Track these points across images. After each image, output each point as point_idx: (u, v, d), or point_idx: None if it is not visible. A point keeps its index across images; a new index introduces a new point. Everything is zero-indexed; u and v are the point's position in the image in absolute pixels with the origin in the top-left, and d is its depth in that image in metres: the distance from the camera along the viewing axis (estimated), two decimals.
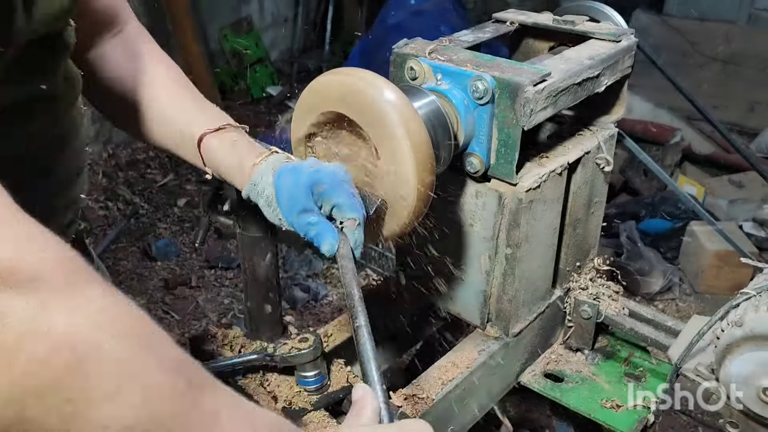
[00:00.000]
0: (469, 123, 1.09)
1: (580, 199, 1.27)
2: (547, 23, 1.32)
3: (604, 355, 1.39)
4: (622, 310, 1.33)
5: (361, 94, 0.92)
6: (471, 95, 1.07)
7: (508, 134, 1.07)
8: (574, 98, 1.16)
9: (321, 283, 3.37)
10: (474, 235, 1.19)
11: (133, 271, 3.42)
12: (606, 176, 1.32)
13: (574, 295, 1.34)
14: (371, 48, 4.12)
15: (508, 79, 1.04)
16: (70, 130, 1.00)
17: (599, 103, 1.33)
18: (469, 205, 1.17)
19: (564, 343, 1.39)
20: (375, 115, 0.92)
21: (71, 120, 1.00)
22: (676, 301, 3.31)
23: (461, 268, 1.23)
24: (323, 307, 3.23)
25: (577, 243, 1.33)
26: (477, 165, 1.12)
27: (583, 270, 1.38)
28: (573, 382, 1.31)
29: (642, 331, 1.29)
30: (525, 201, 1.11)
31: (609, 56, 1.20)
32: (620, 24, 1.34)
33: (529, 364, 1.34)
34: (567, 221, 1.27)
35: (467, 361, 1.19)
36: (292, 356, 1.06)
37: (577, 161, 1.22)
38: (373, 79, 0.93)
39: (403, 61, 1.15)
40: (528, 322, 1.26)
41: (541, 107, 1.07)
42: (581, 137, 1.27)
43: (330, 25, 5.83)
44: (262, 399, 1.09)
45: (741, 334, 0.98)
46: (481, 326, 1.25)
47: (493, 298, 1.22)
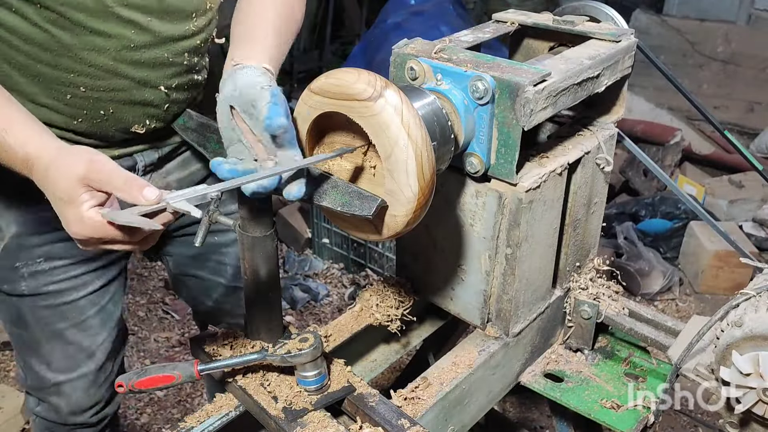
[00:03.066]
0: (469, 123, 1.09)
1: (580, 199, 1.27)
2: (547, 23, 1.32)
3: (604, 355, 1.39)
4: (622, 310, 1.33)
5: (361, 94, 0.92)
6: (471, 95, 1.07)
7: (508, 134, 1.07)
8: (574, 98, 1.16)
9: (321, 283, 3.37)
10: (474, 235, 1.19)
11: (133, 271, 3.42)
12: (606, 176, 1.32)
13: (574, 295, 1.34)
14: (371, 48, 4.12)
15: (508, 79, 1.04)
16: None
17: (599, 103, 1.33)
18: (469, 205, 1.17)
19: (564, 343, 1.39)
20: (375, 116, 0.92)
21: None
22: (676, 301, 3.31)
23: (461, 267, 1.23)
24: (323, 307, 3.23)
25: (577, 243, 1.33)
26: (477, 165, 1.12)
27: (583, 270, 1.38)
28: (573, 382, 1.31)
29: (642, 331, 1.29)
30: (525, 201, 1.11)
31: (609, 56, 1.21)
32: (620, 24, 1.35)
33: (529, 364, 1.34)
34: (567, 221, 1.28)
35: (467, 361, 1.19)
36: (292, 356, 1.06)
37: (577, 161, 1.22)
38: (373, 80, 0.93)
39: (403, 61, 1.15)
40: (528, 322, 1.27)
41: (541, 107, 1.07)
42: (581, 137, 1.27)
43: (330, 25, 5.83)
44: (262, 399, 1.09)
45: (741, 334, 0.98)
46: (481, 326, 1.26)
47: (493, 298, 1.22)
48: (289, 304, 3.18)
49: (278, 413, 1.06)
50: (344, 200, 0.97)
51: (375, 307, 1.29)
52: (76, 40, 1.16)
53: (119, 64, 1.22)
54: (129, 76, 1.24)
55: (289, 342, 1.09)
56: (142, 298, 3.23)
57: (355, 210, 0.95)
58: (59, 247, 1.37)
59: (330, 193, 0.99)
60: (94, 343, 1.48)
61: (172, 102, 1.34)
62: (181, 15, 1.26)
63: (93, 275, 1.44)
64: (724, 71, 4.96)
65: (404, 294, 1.32)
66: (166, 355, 2.89)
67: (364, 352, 1.39)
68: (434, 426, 1.13)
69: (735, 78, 4.92)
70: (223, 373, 1.14)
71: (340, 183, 0.98)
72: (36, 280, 1.38)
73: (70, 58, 1.18)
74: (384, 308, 1.29)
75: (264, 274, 1.11)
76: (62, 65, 1.18)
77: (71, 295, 1.42)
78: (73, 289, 1.42)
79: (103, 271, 1.45)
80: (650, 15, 5.25)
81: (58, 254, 1.37)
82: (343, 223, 1.07)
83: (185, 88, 1.35)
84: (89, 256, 1.41)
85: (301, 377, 1.08)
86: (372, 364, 1.38)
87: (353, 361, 1.35)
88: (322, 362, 1.09)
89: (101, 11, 1.15)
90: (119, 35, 1.19)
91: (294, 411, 1.06)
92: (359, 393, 1.10)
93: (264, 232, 1.08)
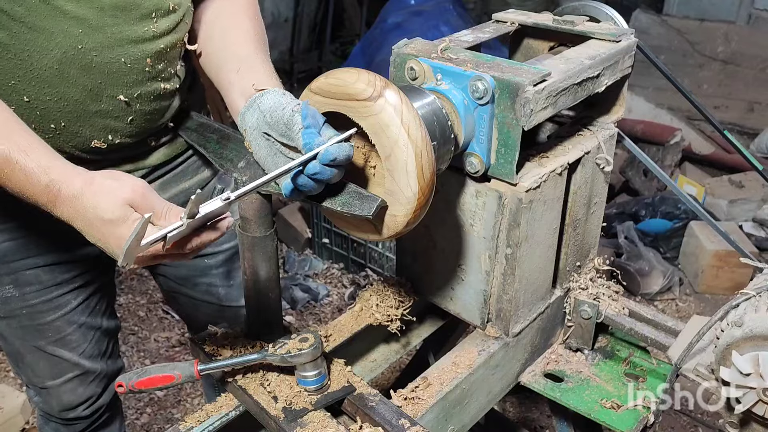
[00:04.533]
0: (469, 123, 1.09)
1: (580, 199, 1.27)
2: (547, 23, 1.32)
3: (604, 355, 1.39)
4: (622, 310, 1.33)
5: (361, 94, 0.92)
6: (471, 95, 1.07)
7: (508, 134, 1.07)
8: (574, 98, 1.16)
9: (321, 283, 3.37)
10: (474, 235, 1.19)
11: (132, 271, 3.42)
12: (606, 176, 1.32)
13: (574, 295, 1.34)
14: (371, 48, 4.11)
15: (508, 79, 1.04)
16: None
17: (599, 103, 1.33)
18: (469, 205, 1.17)
19: (564, 343, 1.39)
20: (375, 116, 0.92)
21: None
22: (676, 301, 3.31)
23: (461, 267, 1.23)
24: (323, 307, 3.23)
25: (577, 243, 1.33)
26: (477, 165, 1.12)
27: (583, 270, 1.38)
28: (573, 382, 1.31)
29: (642, 331, 1.29)
30: (525, 201, 1.11)
31: (609, 56, 1.21)
32: (620, 24, 1.35)
33: (529, 364, 1.34)
34: (567, 221, 1.28)
35: (467, 361, 1.19)
36: (292, 356, 1.06)
37: (577, 161, 1.22)
38: (373, 80, 0.93)
39: (403, 61, 1.15)
40: (528, 322, 1.26)
41: (541, 107, 1.07)
42: (581, 137, 1.27)
43: (330, 25, 5.83)
44: (262, 399, 1.09)
45: (741, 334, 0.98)
46: (481, 326, 1.26)
47: (493, 298, 1.22)
48: (289, 304, 3.18)
49: (278, 413, 1.06)
50: (344, 200, 0.97)
51: (375, 307, 1.29)
52: (14, 39, 1.04)
53: (66, 68, 1.09)
54: (79, 83, 1.11)
55: (289, 342, 1.09)
56: (142, 298, 3.23)
57: (355, 210, 0.95)
58: (29, 275, 1.33)
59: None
60: (77, 354, 1.47)
61: (137, 114, 1.21)
62: (137, 13, 1.13)
63: (69, 296, 1.40)
64: (724, 71, 4.96)
65: (404, 294, 1.32)
66: (166, 355, 2.89)
67: (364, 352, 1.39)
68: (434, 426, 1.13)
69: (735, 78, 4.92)
70: (223, 373, 1.14)
71: (341, 183, 0.98)
72: (7, 305, 1.35)
73: (10, 61, 1.05)
74: (384, 308, 1.29)
75: (264, 274, 1.11)
76: (2, 69, 1.06)
77: (47, 317, 1.38)
78: (49, 311, 1.38)
79: (80, 290, 1.41)
80: (650, 15, 5.24)
81: (27, 281, 1.33)
82: (343, 223, 1.07)
83: (150, 99, 1.23)
84: (62, 280, 1.37)
85: (301, 377, 1.08)
86: (372, 364, 1.38)
87: (353, 361, 1.35)
88: (322, 362, 1.09)
89: (42, 4, 1.03)
90: (64, 33, 1.06)
91: (294, 411, 1.06)
92: (359, 393, 1.10)
93: (264, 232, 1.08)
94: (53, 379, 1.47)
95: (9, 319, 1.38)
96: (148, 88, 1.21)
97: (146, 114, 1.24)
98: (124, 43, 1.13)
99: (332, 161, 0.92)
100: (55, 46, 1.07)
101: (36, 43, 1.05)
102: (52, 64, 1.08)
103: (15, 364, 1.50)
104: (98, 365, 1.52)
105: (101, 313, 1.50)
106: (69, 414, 1.54)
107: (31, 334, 1.40)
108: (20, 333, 1.40)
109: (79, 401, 1.53)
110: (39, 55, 1.07)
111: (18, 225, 1.29)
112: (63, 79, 1.10)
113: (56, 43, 1.07)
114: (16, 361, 1.48)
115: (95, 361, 1.51)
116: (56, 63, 1.08)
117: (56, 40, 1.06)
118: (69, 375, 1.48)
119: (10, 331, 1.41)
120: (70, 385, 1.49)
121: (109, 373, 1.56)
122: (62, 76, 1.10)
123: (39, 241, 1.31)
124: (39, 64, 1.07)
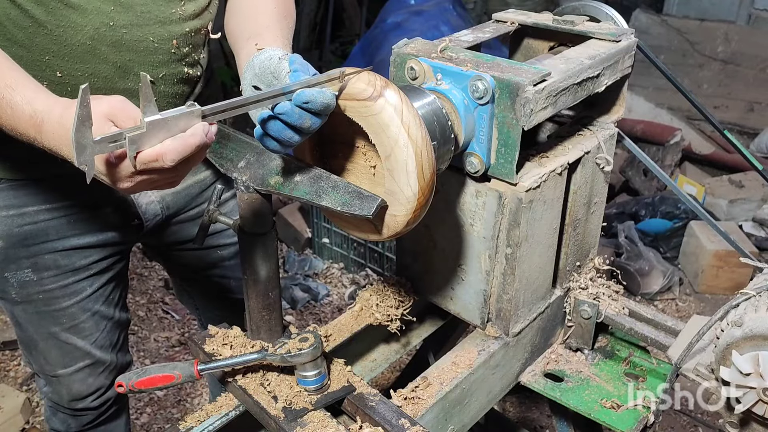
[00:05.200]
0: (469, 123, 1.09)
1: (580, 199, 1.27)
2: (547, 23, 1.32)
3: (604, 355, 1.39)
4: (622, 310, 1.33)
5: (361, 94, 0.92)
6: (471, 95, 1.07)
7: (508, 134, 1.07)
8: (574, 98, 1.16)
9: (321, 283, 3.37)
10: (474, 235, 1.19)
11: (133, 271, 3.42)
12: (606, 176, 1.32)
13: (574, 295, 1.34)
14: (371, 48, 4.11)
15: (508, 79, 1.04)
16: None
17: (599, 102, 1.33)
18: (469, 205, 1.17)
19: (564, 342, 1.39)
20: (375, 116, 0.92)
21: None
22: (676, 301, 3.31)
23: (461, 267, 1.23)
24: (323, 307, 3.23)
25: (577, 243, 1.33)
26: (477, 165, 1.12)
27: (583, 270, 1.38)
28: (573, 382, 1.31)
29: (642, 331, 1.29)
30: (525, 201, 1.11)
31: (609, 56, 1.21)
32: (620, 24, 1.35)
33: (529, 363, 1.34)
34: (567, 221, 1.28)
35: (467, 360, 1.19)
36: (292, 356, 1.06)
37: (577, 161, 1.22)
38: (373, 79, 0.93)
39: (403, 61, 1.15)
40: (528, 322, 1.27)
41: (541, 107, 1.07)
42: (581, 137, 1.27)
43: (330, 25, 5.83)
44: (262, 399, 1.09)
45: (741, 333, 0.98)
46: (481, 326, 1.26)
47: (493, 297, 1.22)
48: (289, 304, 3.18)
49: (278, 413, 1.06)
50: (344, 200, 0.97)
51: (375, 307, 1.30)
52: (50, 16, 1.09)
53: (98, 45, 1.14)
54: (109, 59, 1.16)
55: (289, 342, 1.09)
56: (142, 298, 3.23)
57: (355, 210, 0.95)
58: (47, 259, 1.36)
59: (330, 193, 0.99)
60: (89, 343, 1.49)
61: (160, 95, 1.25)
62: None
63: (84, 283, 1.43)
64: (724, 71, 4.96)
65: (404, 294, 1.32)
66: (166, 355, 2.89)
67: (364, 352, 1.39)
68: (434, 426, 1.13)
69: (735, 78, 4.92)
70: (223, 373, 1.14)
71: (340, 183, 0.98)
72: (25, 289, 1.38)
73: (46, 37, 1.10)
74: (384, 308, 1.29)
75: (264, 273, 1.11)
76: (37, 45, 1.11)
77: (62, 303, 1.41)
78: (64, 297, 1.41)
79: (95, 278, 1.44)
80: (650, 15, 5.24)
81: (46, 266, 1.37)
82: (343, 223, 1.07)
83: (174, 81, 1.28)
84: (79, 266, 1.40)
85: (301, 377, 1.08)
86: (372, 364, 1.38)
87: (353, 361, 1.35)
88: (322, 362, 1.09)
89: None
90: (97, 11, 1.11)
91: (294, 411, 1.06)
92: (359, 393, 1.10)
93: (263, 232, 1.08)
94: (65, 367, 1.49)
95: (25, 304, 1.41)
96: (173, 69, 1.25)
97: (169, 97, 1.28)
98: (152, 22, 1.18)
99: (305, 104, 0.88)
100: (88, 23, 1.11)
101: (70, 20, 1.10)
102: (85, 41, 1.12)
103: (28, 352, 1.51)
104: (109, 356, 1.54)
105: (114, 303, 1.53)
106: (78, 404, 1.55)
107: (46, 320, 1.42)
108: (36, 318, 1.42)
109: (89, 391, 1.54)
110: (73, 31, 1.11)
111: (37, 210, 1.32)
112: (94, 55, 1.15)
113: (89, 20, 1.11)
114: (29, 349, 1.50)
115: (106, 351, 1.53)
116: (89, 39, 1.13)
117: (89, 16, 1.11)
118: (80, 364, 1.50)
119: (26, 316, 1.43)
120: (80, 375, 1.51)
121: (118, 365, 1.58)
122: (93, 53, 1.14)
123: (58, 226, 1.34)
124: (72, 40, 1.12)
